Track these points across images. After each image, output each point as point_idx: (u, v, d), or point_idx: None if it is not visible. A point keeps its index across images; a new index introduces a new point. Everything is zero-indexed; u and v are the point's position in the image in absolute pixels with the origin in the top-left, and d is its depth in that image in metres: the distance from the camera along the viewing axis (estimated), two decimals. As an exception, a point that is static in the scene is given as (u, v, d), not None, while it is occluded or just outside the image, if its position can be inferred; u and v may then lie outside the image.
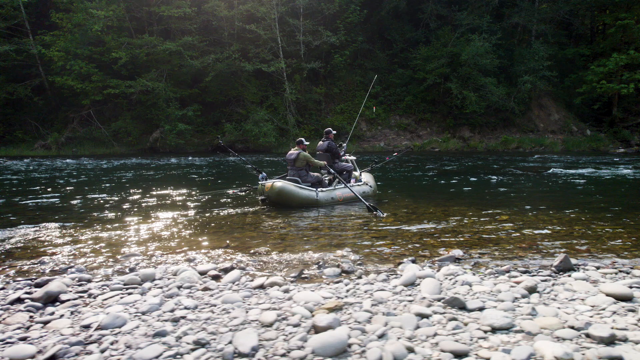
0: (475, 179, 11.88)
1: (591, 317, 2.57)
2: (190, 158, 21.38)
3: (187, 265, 3.85)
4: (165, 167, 16.95)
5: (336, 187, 7.70)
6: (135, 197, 8.76)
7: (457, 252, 4.26)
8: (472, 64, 27.58)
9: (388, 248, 4.58)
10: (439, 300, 2.81)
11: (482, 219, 6.20)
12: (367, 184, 8.20)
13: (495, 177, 12.25)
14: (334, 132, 8.33)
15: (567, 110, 30.64)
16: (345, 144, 8.82)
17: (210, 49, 27.17)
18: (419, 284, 3.13)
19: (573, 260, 3.88)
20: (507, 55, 29.62)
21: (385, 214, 6.49)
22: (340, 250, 4.47)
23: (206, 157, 22.92)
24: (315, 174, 7.75)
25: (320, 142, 8.08)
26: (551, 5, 28.84)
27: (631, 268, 3.71)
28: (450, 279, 3.30)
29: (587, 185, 10.57)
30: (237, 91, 28.54)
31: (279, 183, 7.06)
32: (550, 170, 13.93)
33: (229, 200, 8.29)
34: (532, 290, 3.00)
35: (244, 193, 8.65)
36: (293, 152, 7.55)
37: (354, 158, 8.68)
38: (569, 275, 3.44)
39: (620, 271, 3.59)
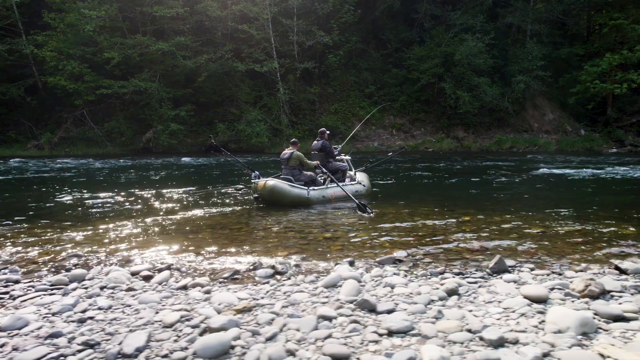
0: (456, 180, 11.85)
1: (498, 319, 2.55)
2: (183, 159, 21.38)
3: (118, 266, 3.85)
4: (155, 167, 16.98)
5: (328, 186, 7.80)
6: (116, 197, 8.76)
7: (401, 254, 4.24)
8: (465, 64, 27.53)
9: (340, 248, 4.57)
10: (352, 302, 2.79)
11: (447, 219, 6.17)
12: (360, 183, 8.28)
13: (478, 178, 12.22)
14: (328, 132, 8.49)
15: (561, 110, 30.54)
16: (340, 145, 8.98)
17: (204, 49, 27.18)
18: (341, 285, 3.12)
19: (511, 262, 3.86)
20: (501, 55, 29.55)
21: (373, 213, 6.52)
22: (289, 250, 4.46)
23: (199, 157, 22.93)
24: (309, 173, 7.86)
25: (315, 142, 8.22)
26: (545, 5, 28.73)
27: (567, 269, 3.69)
28: (376, 281, 3.29)
29: (568, 186, 10.53)
30: (231, 91, 28.55)
31: (271, 182, 7.22)
32: (537, 171, 13.87)
33: (218, 199, 8.31)
34: (452, 292, 2.98)
35: (239, 192, 8.79)
36: (287, 151, 7.71)
37: (349, 158, 8.81)
38: (500, 277, 3.41)
39: (553, 272, 3.56)
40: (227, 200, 8.21)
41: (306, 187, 7.46)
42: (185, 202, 8.10)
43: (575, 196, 9.09)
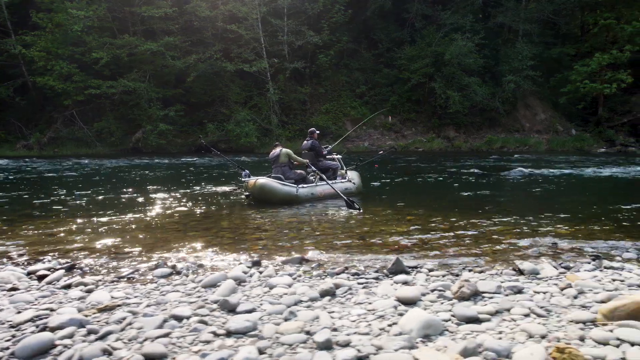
0: (422, 179, 11.80)
1: (353, 321, 2.52)
2: (167, 160, 21.42)
3: (20, 265, 3.84)
4: (142, 167, 17.01)
5: (318, 184, 7.91)
6: (88, 197, 8.77)
7: (314, 254, 4.22)
8: (455, 64, 27.45)
9: (269, 247, 4.57)
10: (216, 302, 2.77)
11: (389, 221, 6.14)
12: (350, 181, 8.44)
13: (449, 178, 12.17)
14: (318, 132, 8.67)
15: (553, 110, 30.40)
16: (330, 145, 9.21)
17: (193, 49, 27.23)
18: (219, 285, 3.10)
19: (413, 262, 3.83)
20: (492, 55, 29.45)
21: (361, 209, 6.70)
22: (210, 249, 4.45)
23: (189, 157, 22.96)
24: (299, 171, 8.05)
25: (305, 142, 8.41)
26: (536, 5, 28.59)
27: (468, 270, 3.65)
28: (261, 281, 3.27)
29: (532, 186, 10.47)
30: (221, 91, 28.60)
31: (261, 180, 7.42)
32: (511, 171, 13.79)
33: (200, 199, 8.37)
34: (326, 293, 2.95)
35: (233, 191, 9.04)
36: (275, 150, 7.93)
37: (340, 156, 9.01)
38: (392, 278, 3.39)
39: (451, 273, 3.53)
40: (209, 199, 8.28)
41: (295, 185, 7.59)
42: (158, 201, 8.09)
43: (531, 196, 9.04)
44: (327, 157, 8.68)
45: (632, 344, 2.12)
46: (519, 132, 29.93)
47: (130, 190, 9.74)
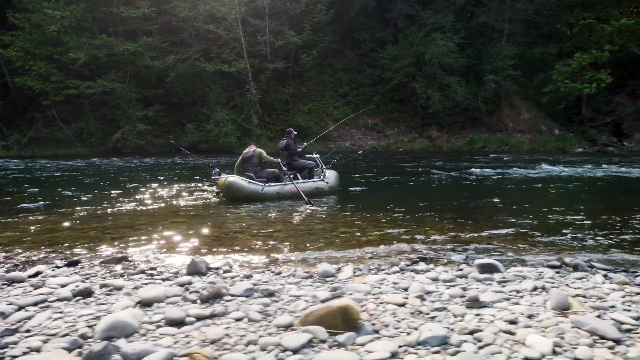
0: (379, 179, 11.74)
1: (66, 321, 2.51)
2: (146, 160, 21.53)
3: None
4: (115, 167, 17.11)
5: (286, 183, 8.04)
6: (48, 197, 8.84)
7: (130, 254, 4.20)
8: (436, 64, 27.28)
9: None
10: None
11: (314, 223, 6.13)
12: (324, 181, 8.52)
13: (403, 178, 12.09)
14: (296, 132, 8.82)
15: (537, 110, 30.11)
16: (304, 144, 9.40)
17: (173, 49, 27.31)
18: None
19: (219, 263, 3.81)
20: (475, 54, 29.24)
21: (314, 205, 7.06)
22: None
23: (169, 157, 23.02)
24: (271, 170, 8.28)
25: (281, 141, 8.68)
26: (517, 5, 28.29)
27: (270, 272, 3.62)
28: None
29: (467, 186, 10.38)
30: (203, 91, 28.66)
31: (230, 178, 7.74)
32: (468, 171, 13.67)
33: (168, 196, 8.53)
34: (81, 293, 2.94)
35: (208, 190, 9.29)
36: (249, 150, 8.20)
37: (318, 156, 9.21)
38: (174, 280, 3.37)
39: (246, 275, 3.50)
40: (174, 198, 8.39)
41: (262, 184, 7.83)
42: (121, 200, 8.14)
43: (444, 197, 8.95)
44: (305, 156, 8.99)
45: (285, 350, 2.09)
46: (502, 131, 29.70)
47: (82, 191, 9.80)
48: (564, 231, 5.32)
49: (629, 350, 2.10)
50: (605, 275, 3.46)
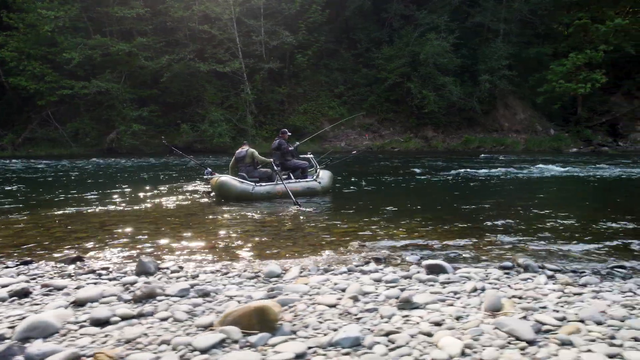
0: (357, 180, 11.74)
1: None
2: (138, 159, 21.57)
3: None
4: (103, 167, 17.16)
5: (277, 182, 8.09)
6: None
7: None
8: (431, 64, 27.27)
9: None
10: None
11: (263, 226, 6.13)
12: (316, 181, 8.53)
13: (386, 178, 12.08)
14: (289, 133, 8.89)
15: (533, 110, 30.07)
16: (297, 143, 9.45)
17: (168, 49, 27.37)
18: None
19: (176, 265, 3.81)
20: (471, 54, 29.22)
21: (306, 210, 7.00)
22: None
23: (162, 157, 23.05)
24: (264, 169, 8.39)
25: (274, 141, 8.81)
26: (512, 5, 28.25)
27: (215, 273, 3.62)
28: None
29: (446, 187, 10.37)
30: (198, 91, 28.72)
31: (221, 178, 7.88)
32: (452, 171, 13.66)
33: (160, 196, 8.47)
34: (15, 294, 2.94)
35: (205, 188, 9.42)
36: (242, 150, 8.33)
37: (312, 156, 9.29)
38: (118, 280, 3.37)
39: (192, 275, 3.50)
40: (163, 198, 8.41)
41: (252, 184, 7.92)
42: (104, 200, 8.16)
43: (440, 198, 8.94)
44: (299, 156, 9.09)
45: (194, 349, 2.09)
46: (497, 131, 29.67)
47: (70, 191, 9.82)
48: (532, 232, 5.32)
49: (539, 351, 2.10)
50: (551, 276, 3.45)
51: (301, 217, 6.49)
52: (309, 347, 2.12)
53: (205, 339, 2.15)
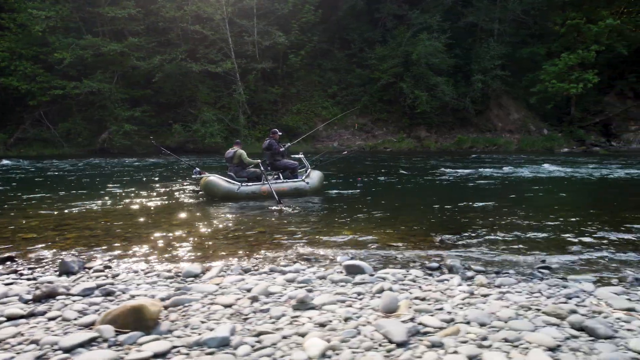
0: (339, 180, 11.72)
1: None
2: (129, 159, 21.62)
3: None
4: (89, 167, 17.21)
5: (264, 182, 8.22)
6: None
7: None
8: (423, 64, 27.20)
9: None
10: None
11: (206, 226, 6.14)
12: (304, 181, 8.60)
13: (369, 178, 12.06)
14: (280, 133, 8.98)
15: (527, 110, 29.95)
16: (287, 144, 9.41)
17: (160, 49, 27.39)
18: None
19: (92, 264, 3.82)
20: (464, 54, 29.14)
21: (283, 206, 7.23)
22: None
23: (154, 158, 23.03)
24: (254, 169, 8.49)
25: (264, 141, 8.87)
26: (505, 5, 28.15)
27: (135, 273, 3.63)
28: None
29: (426, 187, 10.34)
30: (191, 92, 28.74)
31: (209, 177, 8.12)
32: (437, 171, 13.63)
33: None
34: None
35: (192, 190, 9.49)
36: (231, 150, 8.47)
37: (302, 156, 9.31)
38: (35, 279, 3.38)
39: (112, 275, 3.51)
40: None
41: (238, 183, 8.12)
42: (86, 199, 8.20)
43: (413, 198, 8.93)
44: (290, 156, 9.17)
45: (59, 348, 2.10)
46: (491, 132, 29.58)
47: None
48: (485, 232, 5.30)
49: (403, 353, 2.10)
50: (470, 277, 3.44)
51: (272, 218, 6.48)
52: (174, 347, 2.13)
53: (73, 338, 2.16)
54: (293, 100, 31.16)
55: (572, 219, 6.13)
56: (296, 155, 9.40)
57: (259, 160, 8.52)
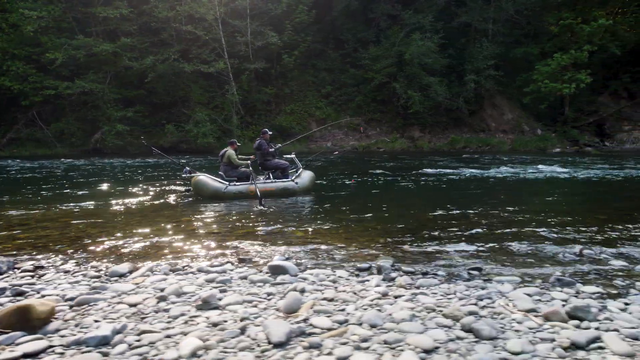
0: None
1: None
2: (120, 160, 21.68)
3: None
4: (75, 167, 17.28)
5: (251, 182, 8.26)
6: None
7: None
8: (416, 64, 27.17)
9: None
10: None
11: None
12: (293, 181, 8.66)
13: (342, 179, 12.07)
14: (270, 132, 9.10)
15: (521, 110, 29.89)
16: (278, 145, 9.46)
17: (153, 50, 27.45)
18: None
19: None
20: (458, 54, 29.09)
21: (265, 207, 7.21)
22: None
23: (147, 157, 23.10)
24: (243, 169, 8.58)
25: (255, 141, 8.98)
26: (498, 5, 28.09)
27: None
28: None
29: (407, 188, 10.35)
30: (184, 92, 28.80)
31: (198, 177, 8.28)
32: (419, 171, 13.62)
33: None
34: None
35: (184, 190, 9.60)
36: (223, 150, 8.66)
37: (294, 156, 9.39)
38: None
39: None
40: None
41: (226, 183, 8.25)
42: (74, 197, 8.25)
43: (370, 199, 8.93)
44: (283, 156, 9.27)
45: None
46: (484, 132, 29.53)
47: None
48: (437, 232, 5.30)
49: (276, 354, 2.11)
50: (393, 278, 3.45)
51: (243, 218, 6.48)
52: (50, 347, 2.15)
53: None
54: (287, 101, 31.18)
55: (542, 219, 6.12)
56: (288, 156, 9.44)
57: (248, 162, 8.59)
